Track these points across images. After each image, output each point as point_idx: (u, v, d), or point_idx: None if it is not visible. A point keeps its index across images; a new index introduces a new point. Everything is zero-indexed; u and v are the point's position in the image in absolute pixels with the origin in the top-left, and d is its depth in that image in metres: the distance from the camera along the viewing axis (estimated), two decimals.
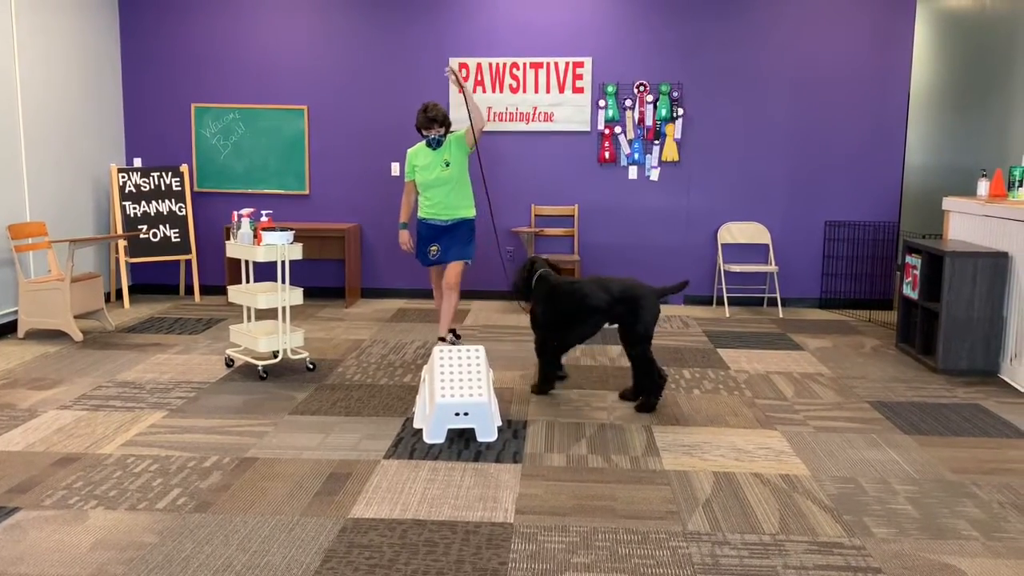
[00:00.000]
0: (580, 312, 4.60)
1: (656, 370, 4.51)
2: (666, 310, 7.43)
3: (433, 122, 5.36)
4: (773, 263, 7.43)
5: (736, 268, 7.23)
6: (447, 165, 5.44)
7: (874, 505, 3.37)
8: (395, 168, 7.66)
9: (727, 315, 7.24)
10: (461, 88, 5.32)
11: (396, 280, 7.83)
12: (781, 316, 7.23)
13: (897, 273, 7.53)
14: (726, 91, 7.45)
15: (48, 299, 5.87)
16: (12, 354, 5.56)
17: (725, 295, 7.39)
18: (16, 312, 6.14)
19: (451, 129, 5.53)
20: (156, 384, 4.92)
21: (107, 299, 7.48)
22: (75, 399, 4.60)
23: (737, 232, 7.53)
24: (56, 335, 6.10)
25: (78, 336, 5.88)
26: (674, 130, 7.45)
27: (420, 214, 5.61)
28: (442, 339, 5.58)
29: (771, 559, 2.90)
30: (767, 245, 7.56)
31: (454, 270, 5.49)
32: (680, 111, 7.44)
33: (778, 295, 7.41)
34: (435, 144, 5.44)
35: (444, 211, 5.51)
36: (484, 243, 7.72)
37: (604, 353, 5.82)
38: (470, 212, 5.59)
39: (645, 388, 4.55)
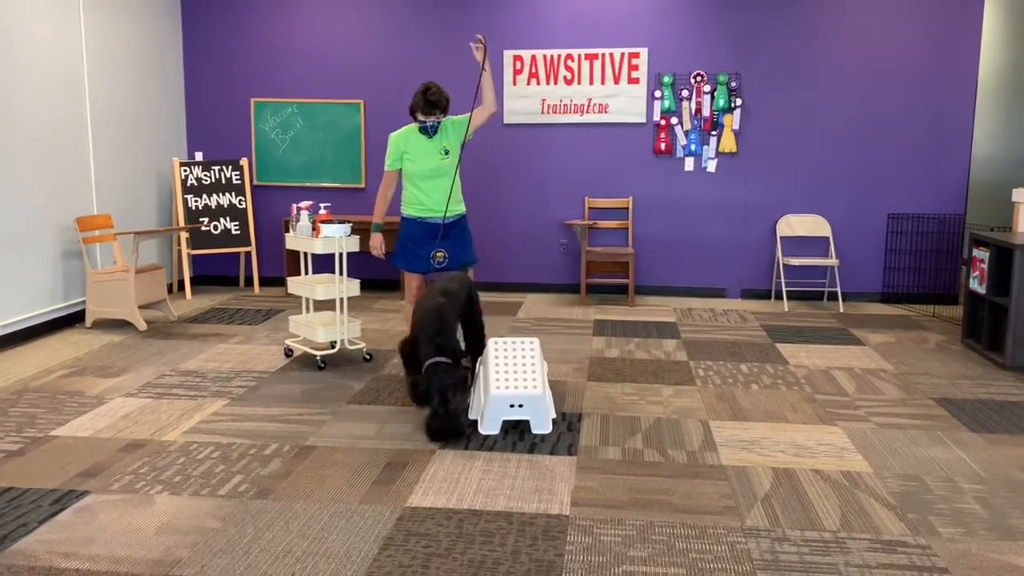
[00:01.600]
0: None
1: None
2: (722, 304, 7.33)
3: (435, 107, 4.65)
4: (834, 256, 7.28)
5: (795, 261, 7.10)
6: (446, 154, 4.73)
7: (939, 504, 3.28)
8: None
9: (785, 309, 7.12)
10: (484, 64, 4.68)
11: None
12: (842, 311, 7.07)
13: (963, 267, 7.31)
14: (785, 80, 7.30)
15: (114, 289, 6.04)
16: (81, 342, 5.73)
17: (784, 289, 7.26)
18: (84, 302, 6.33)
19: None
20: (217, 373, 5.02)
21: (169, 290, 7.66)
22: (140, 387, 4.72)
23: (796, 225, 7.39)
24: (122, 324, 6.27)
25: (142, 326, 6.04)
26: (732, 120, 7.34)
27: (409, 211, 4.80)
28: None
29: (832, 556, 2.85)
30: (827, 238, 7.41)
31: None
32: (738, 101, 7.32)
33: (839, 289, 7.25)
34: (431, 131, 4.72)
35: (443, 207, 4.77)
36: (537, 236, 7.71)
37: (659, 347, 5.77)
38: (463, 207, 4.92)
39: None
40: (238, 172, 7.74)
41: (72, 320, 6.28)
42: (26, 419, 4.16)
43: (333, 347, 5.39)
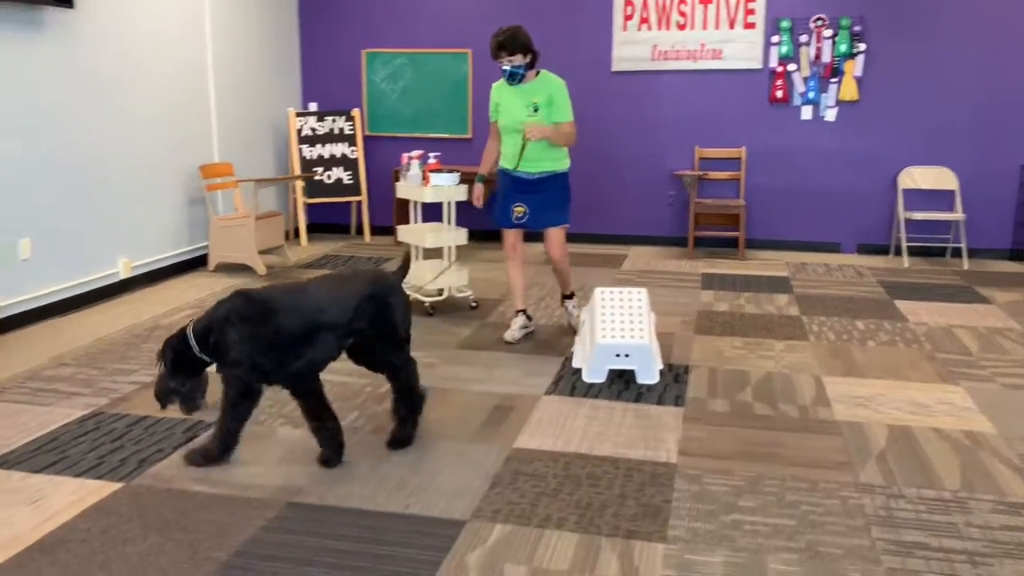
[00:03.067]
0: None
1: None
2: (837, 259, 7.08)
3: (502, 48, 4.28)
4: (959, 210, 6.91)
5: (918, 216, 6.77)
6: (535, 111, 4.41)
7: None
8: None
9: (905, 265, 6.82)
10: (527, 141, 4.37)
11: None
12: (966, 267, 6.72)
13: None
14: (912, 24, 6.89)
15: (235, 235, 6.31)
16: (204, 285, 6.03)
17: (904, 244, 6.93)
18: (207, 247, 6.64)
19: (536, 61, 4.44)
20: None
21: (286, 237, 7.95)
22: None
23: (919, 177, 7.04)
24: (242, 268, 6.56)
25: (262, 270, 6.30)
26: (854, 67, 7.00)
27: (502, 163, 4.63)
28: (568, 297, 4.84)
29: (952, 516, 2.76)
30: (953, 191, 7.02)
31: (556, 241, 4.61)
32: (861, 46, 6.96)
33: (963, 245, 6.88)
34: (515, 79, 4.39)
35: (528, 162, 4.50)
36: (644, 187, 7.60)
37: (770, 301, 5.64)
38: (562, 164, 4.57)
39: (402, 413, 3.30)
40: (350, 122, 7.90)
41: (196, 264, 6.61)
42: None
43: (440, 294, 5.50)
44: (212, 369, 3.02)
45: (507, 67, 4.35)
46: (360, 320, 3.06)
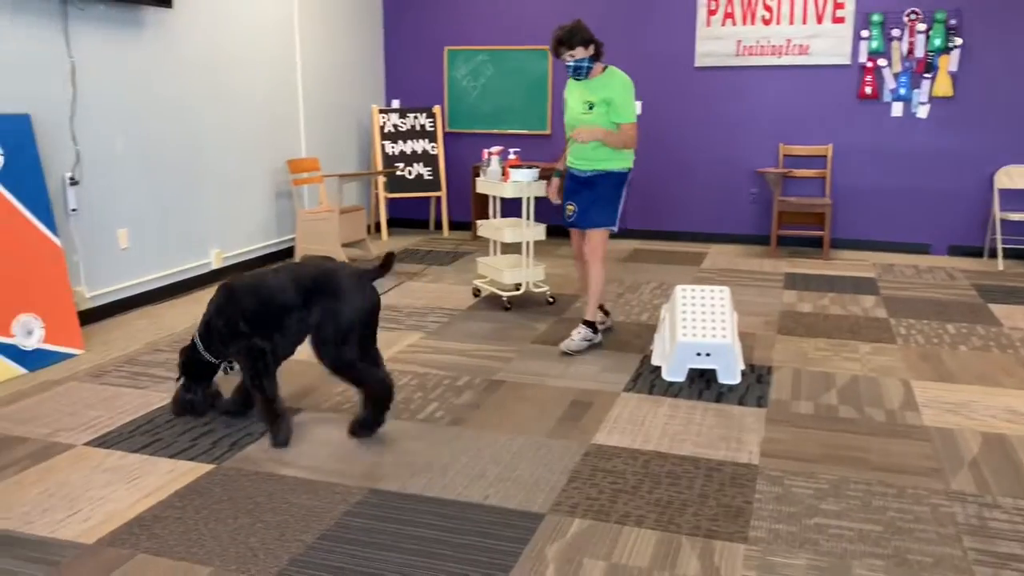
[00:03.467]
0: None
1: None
2: (927, 260, 6.84)
3: (560, 44, 4.15)
4: None
5: (1016, 216, 6.49)
6: (590, 108, 4.27)
7: None
8: (637, 107, 7.58)
9: (1000, 268, 6.55)
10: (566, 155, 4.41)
11: (632, 221, 7.82)
12: None
13: None
14: (1012, 17, 6.60)
15: (320, 228, 6.47)
16: None
17: (999, 246, 6.66)
18: (293, 239, 6.82)
19: (602, 56, 4.26)
20: (412, 308, 5.29)
21: (367, 231, 8.10)
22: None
23: (1018, 176, 6.74)
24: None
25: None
26: (948, 62, 6.75)
27: (566, 160, 4.55)
28: (589, 324, 4.49)
29: None
30: None
31: (592, 242, 4.42)
32: (957, 41, 6.71)
33: None
34: (580, 72, 4.25)
35: (580, 159, 4.41)
36: (726, 184, 7.49)
37: (856, 303, 5.49)
38: (618, 164, 4.37)
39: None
40: (431, 119, 8.00)
41: (283, 255, 6.80)
42: None
43: (518, 289, 5.52)
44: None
45: (570, 63, 4.22)
46: (308, 307, 3.24)
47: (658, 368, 4.17)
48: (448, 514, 2.72)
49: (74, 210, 4.77)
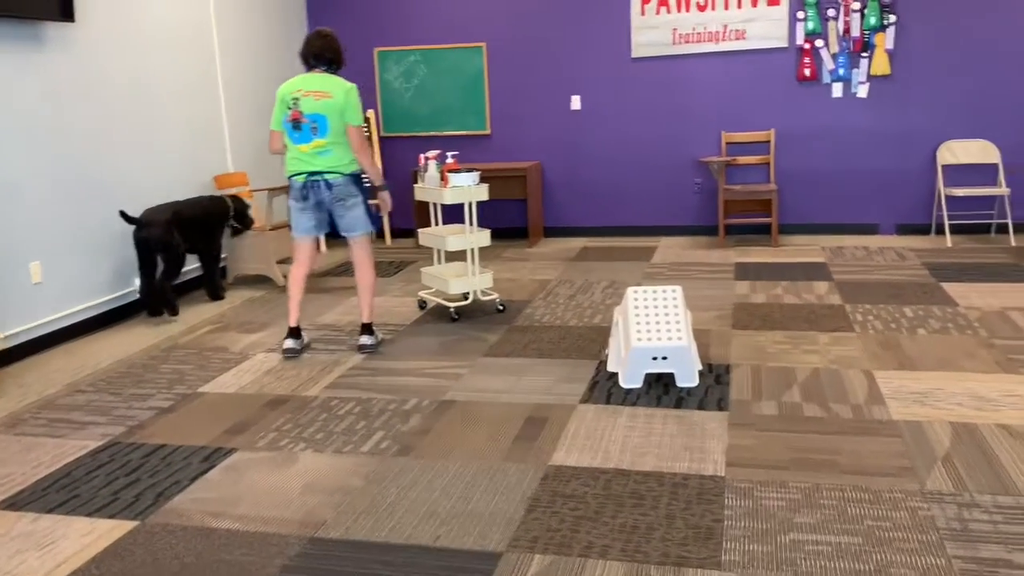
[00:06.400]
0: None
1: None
2: (876, 241, 6.79)
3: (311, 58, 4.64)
4: (1003, 185, 6.59)
5: (959, 192, 6.47)
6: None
7: None
8: (575, 102, 7.40)
9: (949, 245, 6.52)
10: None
11: (578, 218, 7.64)
12: (1013, 244, 6.41)
13: None
14: None
15: (252, 245, 6.15)
16: (224, 299, 5.88)
17: (946, 222, 6.63)
18: (225, 259, 6.49)
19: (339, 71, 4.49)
20: (354, 326, 5.03)
21: None
22: (281, 342, 4.78)
23: (960, 151, 6.72)
24: (260, 280, 6.41)
25: (280, 281, 6.14)
26: (885, 40, 6.70)
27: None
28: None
29: None
30: (996, 165, 6.70)
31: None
32: (892, 18, 6.66)
33: (1009, 220, 6.56)
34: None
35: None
36: (670, 176, 7.35)
37: (810, 290, 5.38)
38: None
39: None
40: (365, 124, 7.71)
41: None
42: (176, 376, 4.28)
43: (466, 298, 5.30)
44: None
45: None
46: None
47: (614, 375, 3.99)
48: (396, 562, 2.49)
49: None
